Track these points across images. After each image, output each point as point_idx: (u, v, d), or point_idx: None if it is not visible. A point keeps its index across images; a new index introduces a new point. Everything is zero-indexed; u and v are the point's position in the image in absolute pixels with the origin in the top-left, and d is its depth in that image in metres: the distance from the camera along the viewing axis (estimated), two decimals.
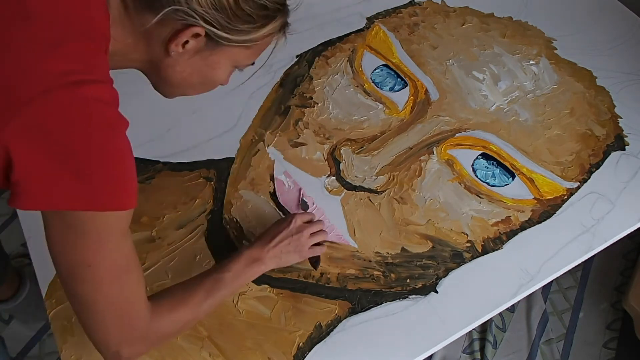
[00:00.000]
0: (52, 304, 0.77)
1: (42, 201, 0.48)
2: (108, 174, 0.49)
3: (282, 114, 1.00)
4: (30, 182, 0.47)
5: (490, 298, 0.81)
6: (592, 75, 1.10)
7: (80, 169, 0.47)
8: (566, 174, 0.95)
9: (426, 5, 1.20)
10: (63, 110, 0.47)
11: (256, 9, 0.54)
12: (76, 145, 0.47)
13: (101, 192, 0.48)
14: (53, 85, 0.46)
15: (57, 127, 0.46)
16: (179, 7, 0.51)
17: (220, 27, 0.53)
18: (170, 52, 0.55)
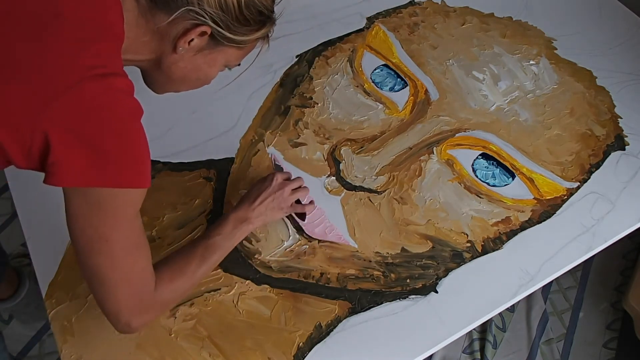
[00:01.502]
0: (52, 304, 0.77)
1: (76, 179, 0.52)
2: (129, 155, 0.54)
3: (282, 114, 1.00)
4: (65, 163, 0.51)
5: (490, 298, 0.81)
6: (592, 75, 1.10)
7: (106, 150, 0.52)
8: (566, 174, 0.95)
9: (426, 5, 1.20)
10: (94, 99, 0.52)
11: (255, 14, 0.60)
12: (104, 129, 0.52)
13: (122, 171, 0.54)
14: (85, 76, 0.52)
15: (89, 114, 0.52)
16: (192, 8, 0.57)
17: (224, 27, 0.59)
18: (178, 49, 0.60)
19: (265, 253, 0.83)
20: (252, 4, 0.59)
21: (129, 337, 0.75)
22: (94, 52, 0.54)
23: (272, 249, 0.84)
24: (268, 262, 0.83)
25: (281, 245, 0.84)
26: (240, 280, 0.81)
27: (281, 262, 0.83)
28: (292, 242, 0.85)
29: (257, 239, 0.84)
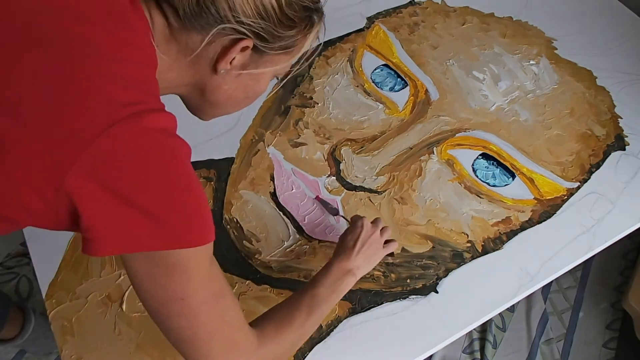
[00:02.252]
0: (52, 304, 0.77)
1: (118, 246, 0.45)
2: (182, 209, 0.46)
3: (282, 114, 0.99)
4: (102, 228, 0.44)
5: (490, 298, 0.81)
6: (592, 75, 1.10)
7: (151, 207, 0.44)
8: (566, 174, 0.95)
9: (426, 5, 1.20)
10: (128, 147, 0.43)
11: (299, 10, 0.51)
12: (145, 182, 0.44)
13: (178, 230, 0.46)
14: (117, 118, 0.43)
15: (124, 165, 0.43)
16: (228, 24, 0.48)
17: (267, 35, 0.50)
18: (219, 71, 0.52)
19: (266, 253, 0.83)
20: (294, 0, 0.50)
21: (129, 337, 0.75)
22: (127, 84, 0.46)
23: (273, 249, 0.84)
24: (268, 262, 0.83)
25: (281, 245, 0.84)
26: (240, 280, 0.81)
27: (281, 262, 0.83)
28: (292, 242, 0.85)
29: (258, 239, 0.84)
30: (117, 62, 0.46)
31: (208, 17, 0.48)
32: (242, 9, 0.48)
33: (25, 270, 1.39)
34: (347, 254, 0.72)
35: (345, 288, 0.70)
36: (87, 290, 0.79)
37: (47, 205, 0.43)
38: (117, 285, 0.79)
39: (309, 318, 0.64)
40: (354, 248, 0.73)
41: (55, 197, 0.42)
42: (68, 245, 0.83)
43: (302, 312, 0.63)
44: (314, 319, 0.64)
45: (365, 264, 0.73)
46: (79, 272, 0.81)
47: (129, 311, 0.77)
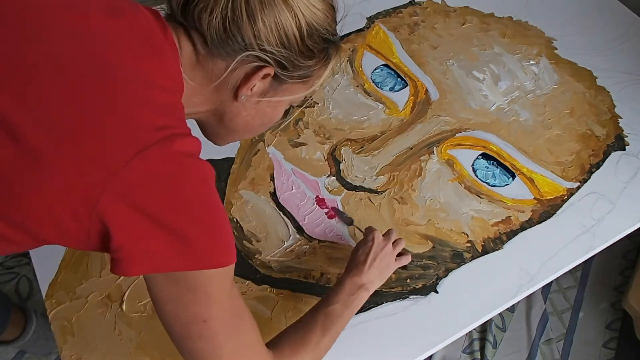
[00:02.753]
0: (52, 304, 0.77)
1: (147, 266, 0.46)
2: (208, 231, 0.47)
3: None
4: (132, 248, 0.45)
5: (490, 298, 0.81)
6: (592, 75, 1.10)
7: (181, 228, 0.45)
8: (566, 174, 0.95)
9: (426, 5, 1.20)
10: (159, 170, 0.45)
11: (319, 42, 0.53)
12: (175, 205, 0.45)
13: (205, 251, 0.47)
14: (149, 142, 0.44)
15: (155, 188, 0.44)
16: (252, 52, 0.50)
17: (288, 64, 0.52)
18: (239, 98, 0.54)
19: (266, 253, 0.83)
20: (315, 31, 0.52)
21: (129, 337, 0.75)
22: (158, 109, 0.47)
23: (273, 249, 0.84)
24: (268, 262, 0.83)
25: (281, 245, 0.84)
26: (240, 280, 0.81)
27: (281, 262, 0.83)
28: (292, 242, 0.85)
29: (258, 239, 0.84)
30: (149, 88, 0.47)
31: (234, 45, 0.50)
32: (267, 38, 0.50)
33: (25, 270, 1.39)
34: (359, 268, 0.72)
35: (359, 303, 0.70)
36: (87, 290, 0.79)
37: (80, 225, 0.44)
38: (117, 285, 0.79)
39: (324, 337, 0.63)
40: (366, 262, 0.72)
41: (89, 218, 0.43)
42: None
43: (317, 331, 0.63)
44: (329, 337, 0.64)
45: (377, 279, 0.73)
46: (79, 272, 0.81)
47: (129, 311, 0.77)
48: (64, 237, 0.46)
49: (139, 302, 0.78)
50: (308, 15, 0.51)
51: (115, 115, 0.44)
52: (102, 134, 0.44)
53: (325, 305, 0.67)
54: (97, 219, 0.43)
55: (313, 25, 0.52)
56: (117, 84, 0.46)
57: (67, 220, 0.44)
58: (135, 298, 0.78)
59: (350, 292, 0.69)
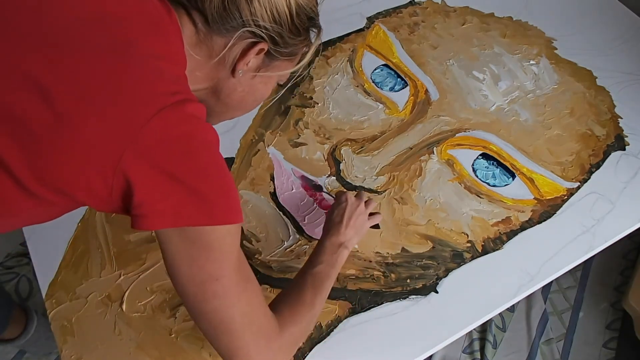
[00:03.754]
0: (52, 304, 0.77)
1: (167, 220, 0.49)
2: (221, 189, 0.51)
3: (282, 114, 1.00)
4: (153, 203, 0.48)
5: (490, 298, 0.81)
6: (592, 75, 1.10)
7: (196, 185, 0.49)
8: (566, 174, 0.95)
9: (426, 5, 1.20)
10: (175, 130, 0.48)
11: (305, 20, 0.58)
12: (190, 163, 0.49)
13: (218, 206, 0.50)
14: (165, 104, 0.48)
15: (172, 147, 0.48)
16: (249, 28, 0.54)
17: (280, 40, 0.57)
18: (237, 73, 0.58)
19: (266, 253, 0.83)
20: (302, 10, 0.57)
21: (129, 337, 0.75)
22: (170, 78, 0.51)
23: (273, 249, 0.84)
24: (268, 262, 0.83)
25: (281, 245, 0.84)
26: None
27: (281, 262, 0.83)
28: (292, 242, 0.85)
29: (258, 239, 0.84)
30: (159, 61, 0.51)
31: (232, 22, 0.54)
32: (261, 15, 0.54)
33: (25, 270, 1.39)
34: (336, 229, 0.75)
35: (342, 261, 0.74)
36: (87, 290, 0.79)
37: (105, 183, 0.47)
38: (117, 285, 0.79)
39: (317, 296, 0.67)
40: (342, 222, 0.76)
41: (113, 174, 0.47)
42: (68, 245, 0.83)
43: (309, 292, 0.67)
44: (321, 296, 0.68)
45: (355, 236, 0.77)
46: (79, 272, 0.81)
47: (129, 311, 0.77)
48: (91, 196, 0.49)
49: (139, 302, 0.78)
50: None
51: (134, 82, 0.48)
52: (123, 98, 0.48)
53: (311, 267, 0.70)
54: (120, 175, 0.47)
55: (300, 4, 0.57)
56: (132, 56, 0.50)
57: (94, 178, 0.47)
58: (135, 298, 0.78)
59: (332, 252, 0.73)
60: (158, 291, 0.79)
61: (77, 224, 0.85)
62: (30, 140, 0.47)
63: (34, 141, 0.46)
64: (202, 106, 0.53)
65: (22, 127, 0.46)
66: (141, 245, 0.83)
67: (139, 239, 0.83)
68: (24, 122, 0.46)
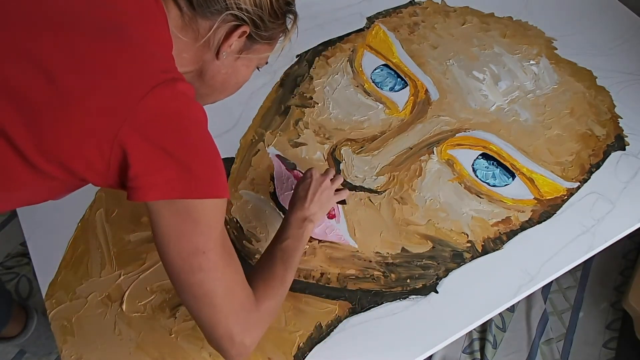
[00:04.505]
0: (52, 304, 0.77)
1: (160, 192, 0.51)
2: (210, 164, 0.54)
3: (282, 114, 1.00)
4: (147, 175, 0.50)
5: (490, 298, 0.81)
6: (592, 75, 1.10)
7: (186, 159, 0.51)
8: (566, 174, 0.95)
9: (426, 5, 1.20)
10: (169, 106, 0.51)
11: (283, 5, 0.61)
12: (181, 138, 0.51)
13: (206, 181, 0.53)
14: (158, 81, 0.51)
15: (167, 122, 0.51)
16: (232, 11, 0.57)
17: (260, 23, 0.59)
18: (221, 55, 0.60)
19: None
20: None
21: (129, 337, 0.75)
22: (161, 58, 0.54)
23: None
24: None
25: None
26: None
27: None
28: None
29: (258, 239, 0.84)
30: (151, 44, 0.54)
31: (216, 5, 0.56)
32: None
33: (25, 270, 1.39)
34: (301, 203, 0.78)
35: (307, 234, 0.76)
36: (87, 290, 0.79)
37: (102, 156, 0.50)
38: (117, 285, 0.79)
39: (287, 270, 0.69)
40: (307, 198, 0.78)
41: (110, 148, 0.49)
42: (68, 245, 0.83)
43: (279, 266, 0.69)
44: (290, 270, 0.70)
45: (319, 211, 0.78)
46: (79, 272, 0.81)
47: (129, 311, 0.77)
48: (89, 169, 0.51)
49: (139, 302, 0.78)
50: None
51: (128, 61, 0.51)
52: (120, 75, 0.50)
53: (279, 242, 0.72)
54: (117, 148, 0.49)
55: None
56: (124, 38, 0.53)
57: (92, 151, 0.50)
58: (135, 298, 0.78)
59: (297, 226, 0.75)
60: (158, 291, 0.79)
61: (77, 224, 0.85)
62: (33, 113, 0.49)
63: (37, 114, 0.49)
64: (191, 86, 0.55)
65: (25, 101, 0.49)
66: (141, 245, 0.83)
67: (139, 239, 0.83)
68: (26, 96, 0.49)
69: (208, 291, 0.56)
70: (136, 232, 0.84)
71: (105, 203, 0.87)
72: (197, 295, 0.56)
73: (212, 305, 0.56)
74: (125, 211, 0.86)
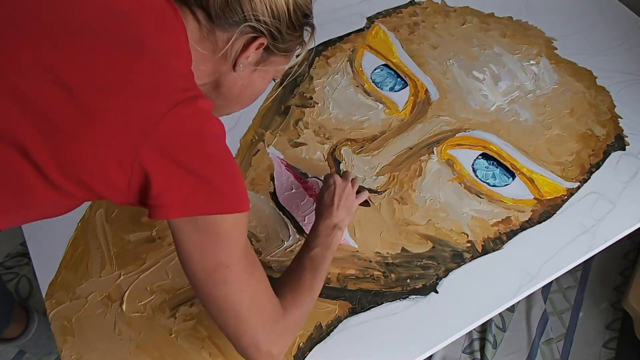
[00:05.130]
0: (52, 304, 0.77)
1: (183, 209, 0.51)
2: (229, 179, 0.54)
3: (282, 114, 1.00)
4: (170, 194, 0.50)
5: (490, 298, 0.81)
6: (592, 75, 1.10)
7: (208, 176, 0.51)
8: (566, 174, 0.95)
9: (426, 5, 1.20)
10: (187, 123, 0.51)
11: (300, 17, 0.61)
12: (202, 155, 0.51)
13: (228, 196, 0.53)
14: (179, 99, 0.51)
15: (188, 140, 0.51)
16: (250, 23, 0.57)
17: (278, 34, 0.59)
18: (238, 67, 0.60)
19: (266, 253, 0.83)
20: (298, 7, 0.59)
21: (129, 337, 0.75)
22: (181, 75, 0.54)
23: (272, 249, 0.84)
24: (268, 262, 0.83)
25: (281, 245, 0.84)
26: None
27: (281, 262, 0.83)
28: (292, 242, 0.85)
29: (257, 239, 0.84)
30: (169, 57, 0.54)
31: (234, 16, 0.57)
32: (262, 10, 0.57)
33: (25, 270, 1.39)
34: (329, 211, 0.77)
35: (337, 242, 0.75)
36: (87, 290, 0.79)
37: (123, 174, 0.50)
38: (117, 285, 0.79)
39: (315, 278, 0.69)
40: (333, 204, 0.78)
41: (131, 167, 0.49)
42: (68, 245, 0.83)
43: (308, 274, 0.68)
44: (319, 278, 0.69)
45: (347, 216, 0.79)
46: (79, 272, 0.81)
47: (129, 311, 0.77)
48: (110, 188, 0.51)
49: (139, 302, 0.78)
50: None
51: (148, 78, 0.51)
52: (140, 93, 0.50)
53: (308, 251, 0.72)
54: (138, 167, 0.49)
55: (297, 1, 0.59)
56: (144, 53, 0.52)
57: (113, 170, 0.49)
58: (135, 298, 0.78)
59: (326, 234, 0.74)
60: (158, 291, 0.79)
61: (77, 224, 0.85)
62: (53, 132, 0.48)
63: (57, 131, 0.48)
64: (210, 101, 0.55)
65: (45, 119, 0.48)
66: (141, 245, 0.83)
67: (139, 239, 0.83)
68: (47, 114, 0.48)
69: (233, 304, 0.56)
70: (136, 232, 0.84)
71: (105, 203, 0.87)
72: (223, 308, 0.56)
73: (238, 316, 0.57)
74: (125, 211, 0.86)
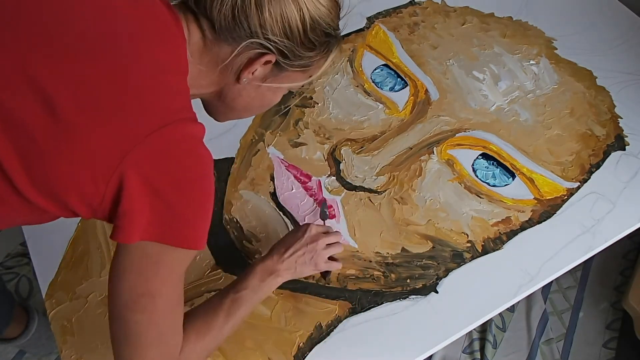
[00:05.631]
0: (52, 304, 0.77)
1: (143, 234, 0.50)
2: (198, 216, 0.52)
3: (282, 114, 1.00)
4: (134, 215, 0.49)
5: (490, 298, 0.81)
6: (592, 75, 1.10)
7: (178, 207, 0.50)
8: (566, 174, 0.95)
9: (426, 5, 1.20)
10: (173, 148, 0.49)
11: (321, 36, 0.57)
12: (178, 184, 0.50)
13: (189, 232, 0.51)
14: (168, 121, 0.49)
15: (164, 165, 0.49)
16: (256, 39, 0.53)
17: (289, 53, 0.55)
18: (242, 80, 0.57)
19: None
20: (318, 26, 0.55)
21: None
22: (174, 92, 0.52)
23: None
24: None
25: None
26: None
27: None
28: None
29: (258, 239, 0.84)
30: (164, 73, 0.52)
31: (240, 31, 0.53)
32: (271, 27, 0.53)
33: (25, 270, 1.39)
34: (276, 254, 0.72)
35: (268, 290, 0.70)
36: (87, 290, 0.79)
37: (97, 189, 0.48)
38: None
39: (228, 322, 0.65)
40: (286, 251, 0.72)
41: (107, 183, 0.48)
42: (68, 245, 0.83)
43: (221, 316, 0.64)
44: (232, 322, 0.65)
45: (292, 270, 0.72)
46: (79, 272, 0.81)
47: None
48: (83, 203, 0.49)
49: None
50: (312, 10, 0.54)
51: (138, 94, 0.49)
52: (126, 109, 0.48)
53: (235, 291, 0.67)
54: (114, 184, 0.48)
55: (316, 19, 0.55)
56: (138, 67, 0.50)
57: (88, 185, 0.48)
58: None
59: (261, 279, 0.69)
60: None
61: (77, 224, 0.85)
62: (30, 147, 0.47)
63: (34, 148, 0.47)
64: (201, 126, 0.53)
65: (23, 133, 0.47)
66: None
67: None
68: (25, 128, 0.47)
69: (140, 333, 0.54)
70: None
71: None
72: (129, 333, 0.54)
73: (137, 346, 0.54)
74: None
